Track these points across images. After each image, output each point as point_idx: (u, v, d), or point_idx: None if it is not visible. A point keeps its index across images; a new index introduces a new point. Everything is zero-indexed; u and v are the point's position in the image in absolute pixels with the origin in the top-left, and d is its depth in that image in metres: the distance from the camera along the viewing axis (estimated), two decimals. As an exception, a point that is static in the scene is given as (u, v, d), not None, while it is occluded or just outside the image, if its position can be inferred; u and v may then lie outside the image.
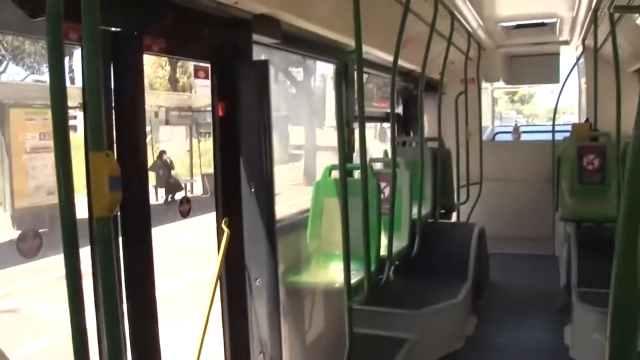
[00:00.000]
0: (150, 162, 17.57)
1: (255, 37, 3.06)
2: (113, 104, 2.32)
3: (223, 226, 3.01)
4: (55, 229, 1.61)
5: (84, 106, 1.57)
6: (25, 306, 6.23)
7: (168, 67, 28.12)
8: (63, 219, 1.49)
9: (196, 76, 3.01)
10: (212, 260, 3.09)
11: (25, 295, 6.28)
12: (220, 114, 3.03)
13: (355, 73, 3.16)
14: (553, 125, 7.06)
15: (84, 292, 1.59)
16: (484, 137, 7.58)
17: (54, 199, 1.57)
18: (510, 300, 5.78)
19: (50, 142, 1.59)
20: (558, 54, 7.95)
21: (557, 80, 7.99)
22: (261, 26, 3.03)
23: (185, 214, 2.95)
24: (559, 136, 6.95)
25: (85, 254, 1.66)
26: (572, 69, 7.10)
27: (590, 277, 4.67)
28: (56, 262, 1.60)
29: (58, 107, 1.48)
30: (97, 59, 1.49)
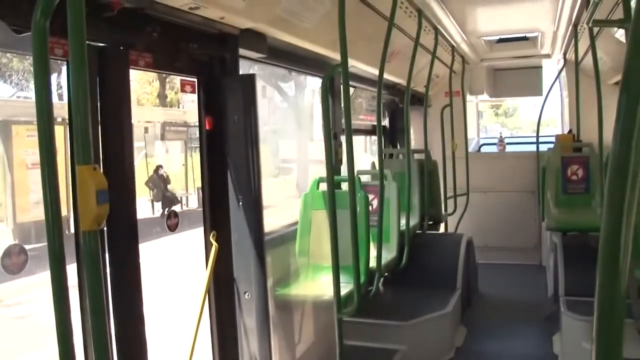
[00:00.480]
0: (146, 177, 17.60)
1: (242, 51, 3.09)
2: (99, 119, 2.33)
3: (211, 239, 3.01)
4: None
5: (70, 120, 1.57)
6: (33, 313, 6.27)
7: (157, 83, 28.09)
8: (49, 233, 1.48)
9: (183, 90, 3.02)
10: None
11: (36, 303, 6.32)
12: (208, 127, 3.04)
13: (342, 86, 3.19)
14: (537, 136, 7.14)
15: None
16: (470, 149, 7.65)
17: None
18: (499, 310, 5.80)
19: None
20: (540, 67, 8.07)
21: (540, 93, 8.11)
22: (247, 41, 3.05)
23: (173, 228, 2.94)
24: (542, 147, 7.04)
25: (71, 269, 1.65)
26: (554, 82, 7.21)
27: (577, 285, 4.70)
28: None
29: (44, 123, 1.49)
30: (84, 73, 1.50)
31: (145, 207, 17.20)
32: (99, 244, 1.55)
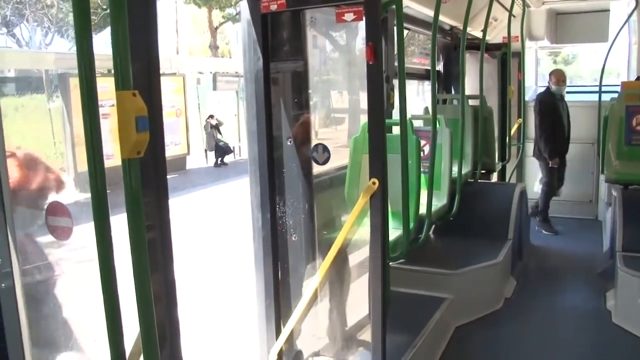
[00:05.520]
0: (199, 127, 17.80)
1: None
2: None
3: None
4: (113, 190, 1.59)
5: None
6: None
7: (208, 34, 28.15)
8: (92, 180, 1.42)
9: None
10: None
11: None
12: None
13: (395, 26, 3.05)
14: (600, 84, 6.78)
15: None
16: (527, 97, 7.35)
17: (112, 163, 1.52)
18: (551, 263, 5.67)
19: (107, 109, 1.55)
20: (608, 10, 7.57)
21: (606, 39, 7.62)
22: None
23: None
24: (605, 97, 6.70)
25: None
26: (622, 25, 6.77)
27: (636, 241, 4.54)
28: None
29: (85, 69, 1.42)
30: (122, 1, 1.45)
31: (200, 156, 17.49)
32: (140, 174, 1.50)
